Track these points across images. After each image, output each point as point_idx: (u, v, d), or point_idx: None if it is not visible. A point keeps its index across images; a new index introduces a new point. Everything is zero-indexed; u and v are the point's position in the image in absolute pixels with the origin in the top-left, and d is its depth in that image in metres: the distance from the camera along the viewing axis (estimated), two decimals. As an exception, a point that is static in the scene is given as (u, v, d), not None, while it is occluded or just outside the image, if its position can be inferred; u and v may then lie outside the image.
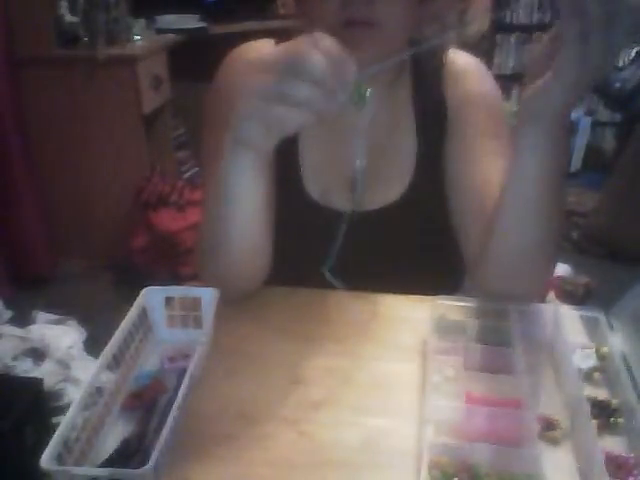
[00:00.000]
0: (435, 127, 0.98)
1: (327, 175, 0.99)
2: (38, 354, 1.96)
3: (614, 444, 0.70)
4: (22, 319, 2.17)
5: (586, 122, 3.96)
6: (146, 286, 0.85)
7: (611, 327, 0.84)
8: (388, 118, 0.98)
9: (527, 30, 3.98)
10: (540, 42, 0.71)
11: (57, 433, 0.62)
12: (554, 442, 0.70)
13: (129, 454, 0.68)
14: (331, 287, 0.95)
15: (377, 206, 0.98)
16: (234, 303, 0.90)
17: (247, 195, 0.81)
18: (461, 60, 1.00)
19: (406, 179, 0.98)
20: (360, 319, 0.92)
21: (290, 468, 0.67)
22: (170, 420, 0.66)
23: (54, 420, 1.64)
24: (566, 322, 0.85)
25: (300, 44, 0.64)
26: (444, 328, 0.83)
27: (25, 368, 1.91)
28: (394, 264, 0.97)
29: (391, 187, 0.98)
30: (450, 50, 1.00)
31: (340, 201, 0.98)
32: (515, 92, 4.10)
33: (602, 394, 0.76)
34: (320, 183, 0.99)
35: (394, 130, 0.99)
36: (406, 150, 0.99)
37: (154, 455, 0.61)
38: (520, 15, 3.97)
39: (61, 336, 2.05)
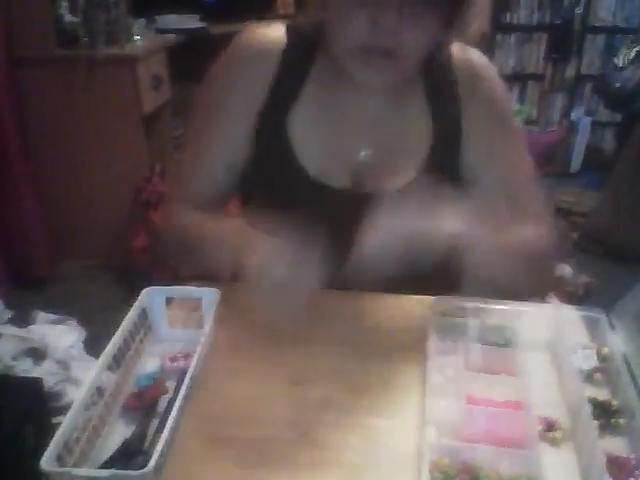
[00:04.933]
0: (450, 122, 0.98)
1: (327, 154, 0.98)
2: (38, 354, 1.96)
3: (615, 445, 0.70)
4: (22, 319, 2.16)
5: (586, 122, 3.95)
6: (146, 286, 0.85)
7: (612, 327, 0.84)
8: (400, 107, 0.99)
9: (527, 30, 3.98)
10: None
11: (57, 434, 0.62)
12: (555, 443, 0.70)
13: (130, 455, 0.68)
14: (331, 286, 0.95)
15: (377, 192, 0.97)
16: (234, 303, 0.90)
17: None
18: (476, 63, 1.00)
19: (414, 167, 0.98)
20: (360, 319, 0.92)
21: (291, 469, 0.67)
22: (171, 421, 0.66)
23: (54, 420, 1.64)
24: (567, 322, 0.85)
25: None
26: (444, 328, 0.83)
27: (25, 368, 1.90)
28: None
29: (396, 175, 0.98)
30: (455, 44, 1.00)
31: (340, 181, 0.98)
32: (515, 92, 4.10)
33: (603, 395, 0.76)
34: (318, 160, 0.98)
35: (407, 120, 0.99)
36: (419, 140, 0.99)
37: (155, 456, 0.61)
38: (520, 15, 3.96)
39: (61, 336, 2.04)
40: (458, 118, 0.99)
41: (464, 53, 1.00)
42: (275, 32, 0.99)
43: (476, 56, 1.01)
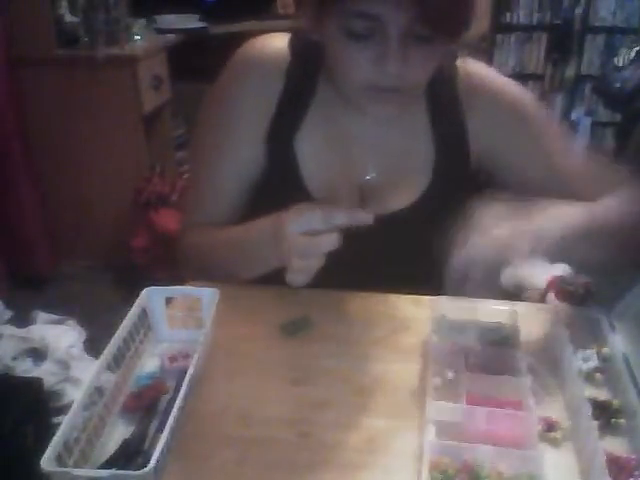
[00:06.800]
0: (454, 141, 0.98)
1: (331, 176, 0.98)
2: (38, 354, 1.96)
3: (615, 445, 0.70)
4: (22, 319, 2.16)
5: (586, 122, 3.95)
6: (146, 286, 0.85)
7: (612, 328, 0.84)
8: (403, 126, 0.98)
9: (527, 30, 3.98)
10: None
11: (57, 434, 0.62)
12: (555, 443, 0.70)
13: (130, 455, 0.68)
14: (331, 287, 0.95)
15: (386, 211, 0.97)
16: (234, 303, 0.90)
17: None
18: (481, 79, 0.99)
19: (419, 187, 0.97)
20: (360, 319, 0.92)
21: (290, 469, 0.67)
22: (171, 421, 0.66)
23: (54, 420, 1.64)
24: (567, 322, 0.84)
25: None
26: (444, 328, 0.83)
27: (25, 368, 1.90)
28: (396, 266, 0.97)
29: (403, 194, 0.98)
30: (461, 59, 0.98)
31: (343, 204, 0.97)
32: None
33: (603, 395, 0.76)
34: (324, 185, 0.98)
35: (410, 139, 0.99)
36: (422, 160, 0.98)
37: (155, 456, 0.61)
38: (520, 15, 3.96)
39: (61, 336, 2.04)
40: (462, 135, 0.98)
41: (470, 70, 0.98)
42: (278, 46, 0.97)
43: (479, 69, 0.99)
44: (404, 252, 0.95)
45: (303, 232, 0.76)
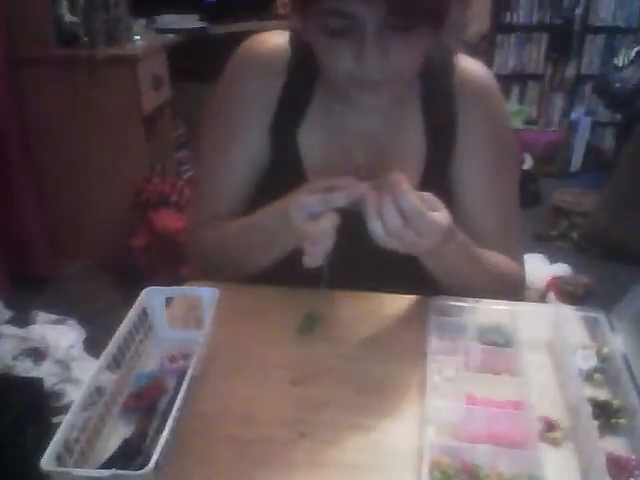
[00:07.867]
0: (444, 137, 0.98)
1: (333, 170, 0.98)
2: (38, 354, 1.96)
3: (615, 445, 0.70)
4: (22, 319, 2.17)
5: (586, 122, 3.95)
6: (146, 286, 0.85)
7: (612, 327, 0.84)
8: (397, 120, 0.98)
9: (527, 30, 3.98)
10: None
11: (57, 434, 0.62)
12: (555, 443, 0.70)
13: (130, 455, 0.68)
14: (331, 287, 0.95)
15: None
16: (234, 302, 0.90)
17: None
18: (477, 77, 0.99)
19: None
20: (360, 319, 0.92)
21: (290, 469, 0.67)
22: (170, 421, 0.66)
23: (54, 420, 1.64)
24: (567, 322, 0.84)
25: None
26: (444, 328, 0.83)
27: (25, 368, 1.91)
28: (394, 264, 0.97)
29: None
30: (459, 56, 0.98)
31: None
32: (515, 92, 4.11)
33: (603, 395, 0.76)
34: (326, 177, 0.98)
35: (403, 133, 0.99)
36: (414, 154, 0.98)
37: (155, 456, 0.61)
38: (520, 15, 3.97)
39: (61, 336, 2.05)
40: (453, 134, 0.98)
41: (467, 67, 0.98)
42: (279, 43, 0.98)
43: (480, 72, 0.99)
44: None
45: (307, 218, 0.78)
